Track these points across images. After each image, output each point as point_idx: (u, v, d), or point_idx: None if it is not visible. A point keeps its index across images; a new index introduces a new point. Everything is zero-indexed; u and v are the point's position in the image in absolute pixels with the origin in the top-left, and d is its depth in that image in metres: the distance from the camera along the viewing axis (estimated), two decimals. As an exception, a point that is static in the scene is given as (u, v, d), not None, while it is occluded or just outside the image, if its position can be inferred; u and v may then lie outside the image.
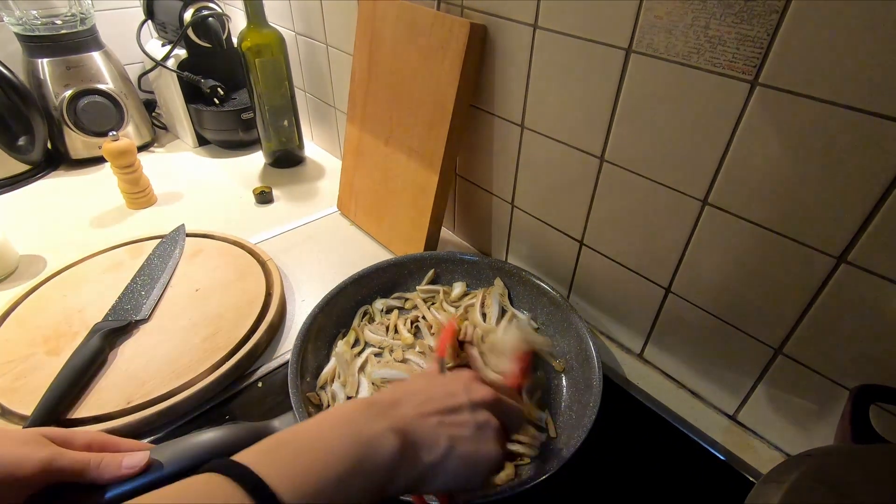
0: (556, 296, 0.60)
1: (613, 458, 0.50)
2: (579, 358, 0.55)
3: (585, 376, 0.52)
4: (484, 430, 0.34)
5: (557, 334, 0.59)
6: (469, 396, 0.36)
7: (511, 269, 0.64)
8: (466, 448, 0.33)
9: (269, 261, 0.70)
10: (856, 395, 0.38)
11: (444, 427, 0.33)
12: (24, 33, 0.88)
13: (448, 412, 0.34)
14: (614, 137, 0.50)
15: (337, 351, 0.57)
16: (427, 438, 0.32)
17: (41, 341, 0.58)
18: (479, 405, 0.36)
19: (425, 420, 0.33)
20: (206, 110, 0.97)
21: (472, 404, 0.35)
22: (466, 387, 0.37)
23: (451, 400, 0.35)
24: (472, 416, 0.35)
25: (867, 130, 0.34)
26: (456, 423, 0.34)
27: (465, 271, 0.67)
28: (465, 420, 0.34)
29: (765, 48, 0.37)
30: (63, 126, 0.92)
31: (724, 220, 0.45)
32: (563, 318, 0.58)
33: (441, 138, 0.63)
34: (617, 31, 0.45)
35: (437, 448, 0.32)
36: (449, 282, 0.67)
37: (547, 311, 0.61)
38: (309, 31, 0.89)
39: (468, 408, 0.35)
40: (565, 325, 0.58)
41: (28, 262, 0.73)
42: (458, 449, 0.33)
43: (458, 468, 0.32)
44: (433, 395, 0.35)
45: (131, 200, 0.86)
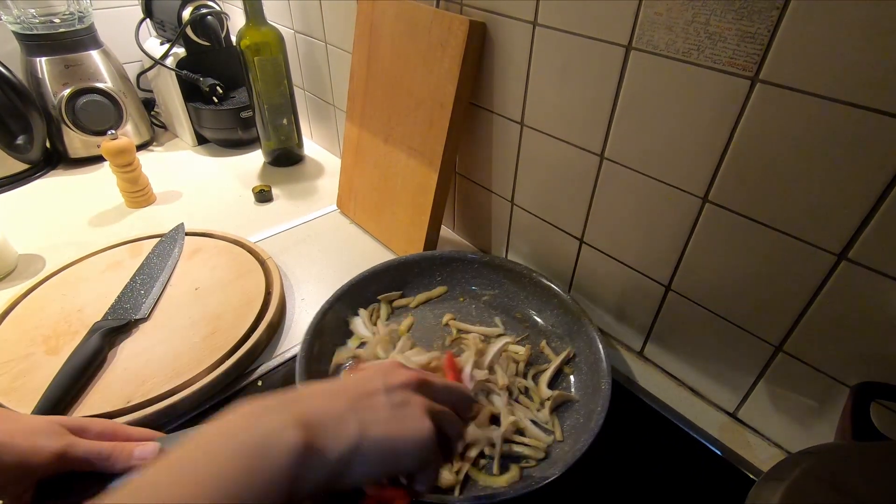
0: (566, 298, 0.59)
1: (614, 457, 0.50)
2: (588, 361, 0.54)
3: (594, 380, 0.52)
4: (403, 409, 0.32)
5: (567, 336, 0.59)
6: (384, 381, 0.33)
7: (522, 270, 0.63)
8: (381, 429, 0.30)
9: (269, 259, 0.70)
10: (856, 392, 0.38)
11: (353, 412, 0.30)
12: (22, 32, 0.88)
13: (360, 397, 0.32)
14: (614, 135, 0.50)
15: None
16: (334, 426, 0.29)
17: (40, 340, 0.57)
18: (396, 387, 0.33)
19: (331, 408, 0.30)
20: (205, 109, 0.97)
21: (388, 388, 0.33)
22: (384, 373, 0.34)
23: (363, 386, 0.33)
24: (388, 398, 0.32)
25: (868, 127, 0.34)
26: (367, 406, 0.31)
27: (475, 271, 0.66)
28: (378, 403, 0.32)
29: (765, 45, 0.37)
30: (62, 125, 0.92)
31: (724, 217, 0.45)
32: (574, 321, 0.58)
33: (440, 136, 0.63)
34: (617, 27, 0.45)
35: (347, 434, 0.29)
36: (455, 284, 0.66)
37: (556, 313, 0.61)
38: (308, 29, 0.89)
39: (382, 391, 0.32)
40: (576, 327, 0.58)
41: (27, 261, 0.73)
42: (371, 432, 0.30)
43: (376, 453, 0.29)
44: (344, 386, 0.33)
45: (130, 199, 0.85)
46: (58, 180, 0.94)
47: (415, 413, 0.32)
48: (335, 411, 0.30)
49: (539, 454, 0.48)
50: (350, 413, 0.30)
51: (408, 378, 0.34)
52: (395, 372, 0.34)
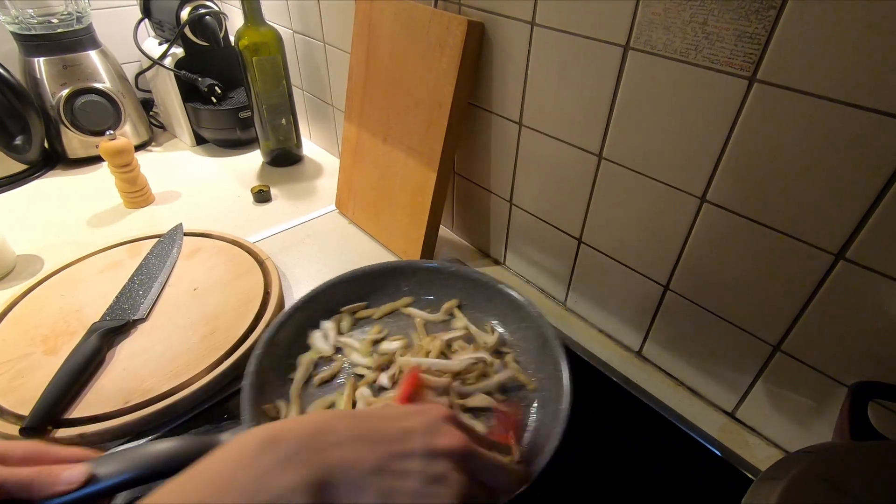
0: (533, 312, 0.55)
1: (612, 456, 0.50)
2: (552, 378, 0.50)
3: (555, 398, 0.47)
4: (436, 487, 0.27)
5: (534, 350, 0.55)
6: (428, 440, 0.28)
7: (488, 280, 0.59)
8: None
9: (268, 260, 0.70)
10: (854, 391, 0.38)
11: (379, 476, 0.26)
12: (20, 32, 0.87)
13: (393, 457, 0.27)
14: (612, 135, 0.50)
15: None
16: (350, 491, 0.25)
17: (39, 341, 0.57)
18: (439, 454, 0.28)
19: (358, 463, 0.26)
20: (204, 109, 0.97)
21: (430, 451, 0.28)
22: (430, 426, 0.29)
23: (403, 441, 0.28)
24: (425, 466, 0.27)
25: (865, 127, 0.34)
26: (398, 471, 0.27)
27: (440, 281, 0.62)
28: (412, 469, 0.27)
29: (763, 45, 0.37)
30: (60, 125, 0.92)
31: (722, 217, 0.45)
32: (541, 334, 0.53)
33: (439, 136, 0.63)
34: (615, 28, 0.45)
35: (362, 500, 0.25)
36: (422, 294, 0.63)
37: (524, 325, 0.56)
38: (306, 29, 0.89)
39: (421, 455, 0.28)
40: (541, 341, 0.53)
41: (25, 261, 0.73)
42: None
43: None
44: (380, 431, 0.28)
45: (129, 200, 0.85)
46: (56, 181, 0.94)
47: (447, 495, 0.27)
48: (358, 470, 0.26)
49: None
50: (374, 477, 0.26)
51: (454, 445, 0.29)
52: (442, 431, 0.29)
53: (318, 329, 0.58)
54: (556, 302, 0.68)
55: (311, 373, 0.54)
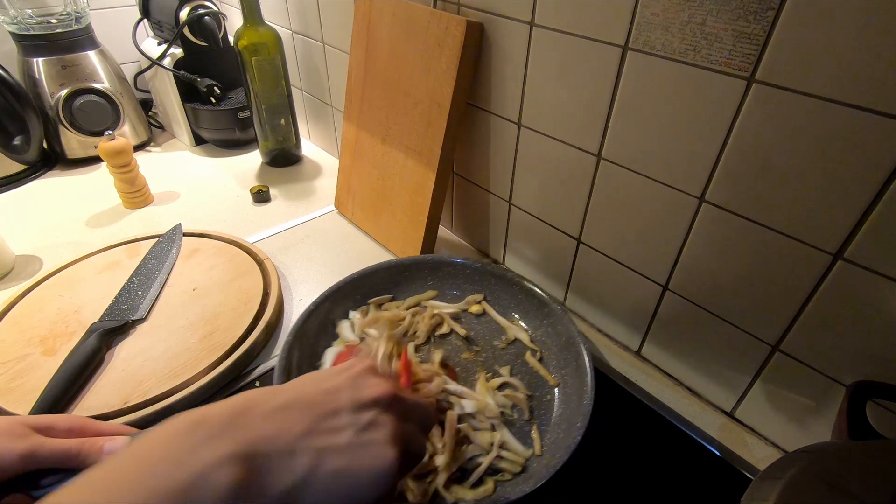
0: (556, 308, 0.58)
1: (611, 456, 0.51)
2: (574, 375, 0.53)
3: (578, 395, 0.50)
4: (368, 433, 0.28)
5: (556, 347, 0.57)
6: (354, 394, 0.29)
7: (513, 277, 0.62)
8: (339, 461, 0.26)
9: (267, 260, 0.70)
10: (852, 391, 0.38)
11: (309, 438, 0.26)
12: (18, 32, 0.87)
13: (323, 417, 0.28)
14: (611, 135, 0.50)
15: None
16: (280, 459, 0.25)
17: (37, 341, 0.57)
18: (366, 404, 0.29)
19: (284, 432, 0.26)
20: (203, 109, 0.97)
21: (357, 404, 0.29)
22: (353, 382, 0.30)
23: (330, 401, 0.29)
24: (353, 418, 0.28)
25: (863, 127, 0.35)
26: (329, 429, 0.27)
27: (466, 277, 0.65)
28: (342, 424, 0.28)
29: (761, 45, 0.37)
30: (59, 125, 0.92)
31: (721, 217, 0.45)
32: (564, 331, 0.56)
33: (438, 136, 0.63)
34: (613, 28, 0.45)
35: (295, 467, 0.25)
36: (446, 289, 0.65)
37: (547, 322, 0.59)
38: (305, 29, 0.89)
39: (349, 409, 0.29)
40: (564, 339, 0.56)
41: (24, 262, 0.73)
42: (326, 463, 0.26)
43: (329, 485, 0.26)
44: (306, 397, 0.29)
45: (128, 200, 0.85)
46: (55, 181, 0.94)
47: (380, 439, 0.28)
48: (287, 438, 0.26)
49: (516, 468, 0.46)
50: (305, 440, 0.26)
51: (379, 393, 0.30)
52: (367, 382, 0.31)
53: (347, 319, 0.60)
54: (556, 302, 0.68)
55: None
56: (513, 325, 0.61)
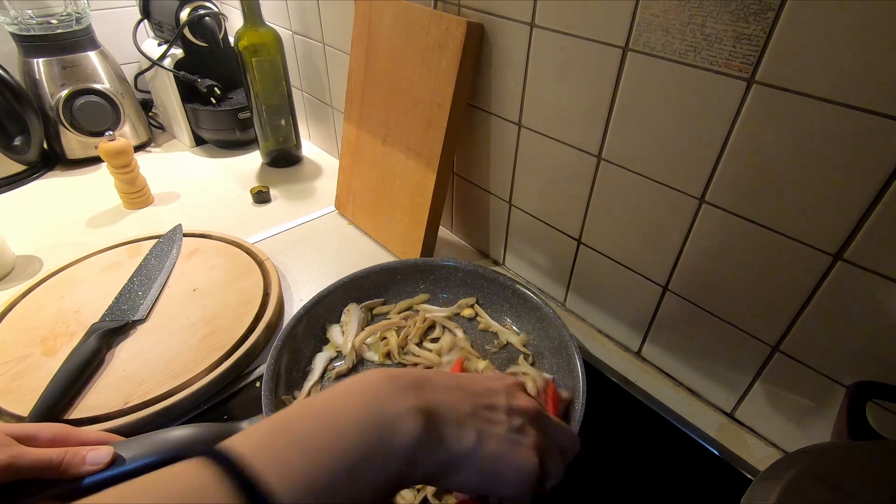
0: (549, 312, 0.56)
1: (611, 456, 0.51)
2: (566, 380, 0.52)
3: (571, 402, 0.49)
4: (518, 435, 0.31)
5: (548, 351, 0.56)
6: (509, 399, 0.32)
7: (505, 280, 0.61)
8: (497, 447, 0.29)
9: (267, 260, 0.70)
10: (852, 391, 0.38)
11: (475, 418, 0.30)
12: (19, 33, 0.87)
13: (483, 406, 0.31)
14: (611, 136, 0.50)
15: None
16: (456, 425, 0.29)
17: (38, 342, 0.57)
18: (517, 411, 0.32)
19: (456, 405, 0.30)
20: (203, 110, 0.97)
21: (510, 408, 0.32)
22: (507, 390, 0.33)
23: (489, 396, 0.32)
24: (508, 418, 0.31)
25: (863, 128, 0.35)
26: (489, 418, 0.31)
27: (458, 280, 0.64)
28: (498, 419, 0.31)
29: (761, 46, 0.37)
30: (59, 126, 0.92)
31: (721, 218, 0.45)
32: (556, 335, 0.55)
33: (438, 137, 0.63)
34: (614, 29, 0.45)
35: (466, 437, 0.29)
36: (438, 291, 0.65)
37: (540, 326, 0.58)
38: (306, 30, 0.89)
39: (504, 409, 0.32)
40: (557, 342, 0.55)
41: (24, 262, 0.73)
42: (487, 444, 0.29)
43: (484, 465, 0.29)
44: (469, 387, 0.32)
45: (128, 200, 0.85)
46: (55, 181, 0.94)
47: (528, 444, 0.31)
48: (459, 411, 0.30)
49: None
50: (471, 418, 0.30)
51: (529, 406, 0.33)
52: (519, 394, 0.34)
53: (337, 324, 0.60)
54: (556, 302, 0.68)
55: (328, 366, 0.56)
56: (505, 329, 0.60)
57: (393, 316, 0.61)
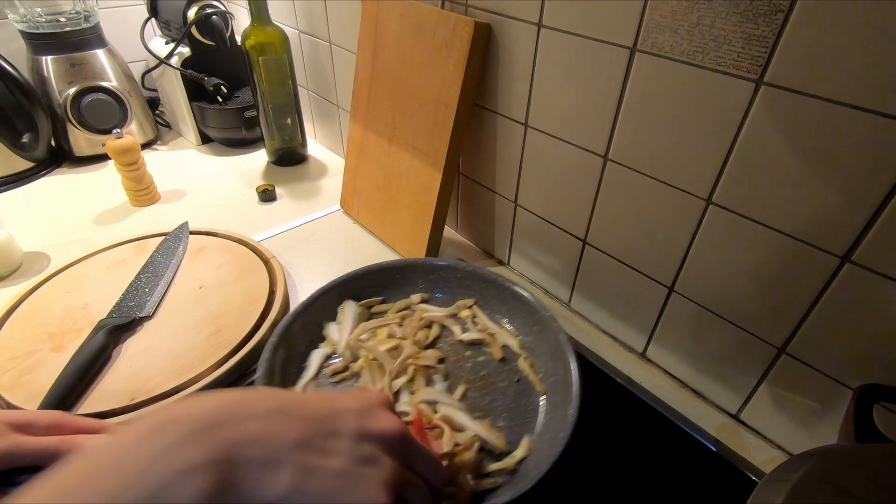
0: (546, 315, 0.56)
1: (615, 458, 0.51)
2: (562, 384, 0.51)
3: (563, 404, 0.48)
4: (364, 468, 0.25)
5: (545, 354, 0.55)
6: (362, 422, 0.27)
7: (503, 282, 0.60)
8: (324, 486, 0.24)
9: (273, 258, 0.70)
10: (859, 394, 0.38)
11: (299, 451, 0.24)
12: (28, 31, 0.88)
13: (320, 433, 0.25)
14: (618, 136, 0.50)
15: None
16: (261, 470, 0.23)
17: (45, 338, 0.58)
18: (372, 436, 0.27)
19: (273, 437, 0.24)
20: (210, 108, 0.98)
21: (362, 433, 0.26)
22: (365, 409, 0.28)
23: (331, 420, 0.26)
24: (354, 447, 0.26)
25: (872, 130, 0.34)
26: (323, 448, 0.25)
27: (457, 280, 0.63)
28: (339, 448, 0.25)
29: (770, 47, 0.37)
30: (67, 123, 0.92)
31: (727, 219, 0.45)
32: (553, 339, 0.54)
33: (444, 137, 0.64)
34: (622, 30, 0.45)
35: (277, 481, 0.23)
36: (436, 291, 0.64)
37: (537, 329, 0.57)
38: (312, 29, 0.89)
39: (350, 436, 0.26)
40: (553, 346, 0.54)
41: (32, 259, 0.74)
42: (310, 485, 0.23)
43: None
44: (303, 410, 0.26)
45: (135, 198, 0.86)
46: (63, 178, 0.94)
47: (376, 480, 0.26)
48: (274, 445, 0.24)
49: (504, 476, 0.45)
50: (293, 452, 0.24)
51: (388, 429, 0.27)
52: (377, 415, 0.28)
53: (334, 322, 0.60)
54: (560, 303, 0.68)
55: (324, 364, 0.56)
56: (502, 331, 0.59)
57: (390, 314, 0.61)
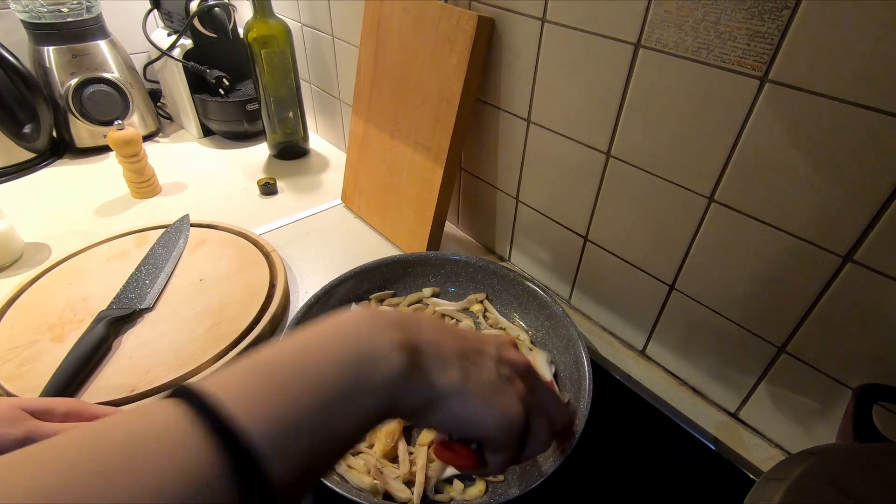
0: (558, 310, 0.56)
1: (614, 455, 0.51)
2: (573, 378, 0.52)
3: (575, 399, 0.49)
4: (505, 384, 0.30)
5: (556, 349, 0.57)
6: (499, 350, 0.32)
7: (515, 276, 0.61)
8: (481, 389, 0.29)
9: (273, 252, 0.70)
10: (859, 394, 0.38)
11: (461, 359, 0.29)
12: (30, 21, 0.88)
13: (472, 350, 0.30)
14: (621, 133, 0.50)
15: None
16: (441, 362, 0.28)
17: (46, 328, 0.58)
18: (507, 362, 0.32)
19: (442, 344, 0.29)
20: (212, 101, 0.97)
21: (500, 358, 0.31)
22: (499, 343, 0.33)
23: (478, 343, 0.32)
24: (496, 366, 0.31)
25: (877, 128, 0.34)
26: (475, 362, 0.30)
27: (469, 275, 0.64)
28: (486, 365, 0.30)
29: (775, 44, 0.37)
30: (68, 114, 0.92)
31: (729, 217, 0.45)
32: (565, 333, 0.55)
33: (447, 132, 0.63)
34: (626, 25, 0.45)
35: (450, 375, 0.28)
36: (447, 286, 0.65)
37: (548, 324, 0.58)
38: (315, 22, 0.89)
39: (493, 358, 0.31)
40: (564, 342, 0.55)
41: (33, 249, 0.74)
42: (471, 385, 0.29)
43: (466, 406, 0.28)
44: (457, 332, 0.32)
45: (136, 190, 0.86)
46: (64, 169, 0.94)
47: (513, 394, 0.31)
48: (444, 351, 0.29)
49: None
50: (457, 359, 0.29)
51: (518, 361, 0.33)
52: (510, 349, 0.33)
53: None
54: (561, 299, 0.68)
55: None
56: (513, 326, 0.60)
57: (402, 308, 0.61)
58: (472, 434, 0.31)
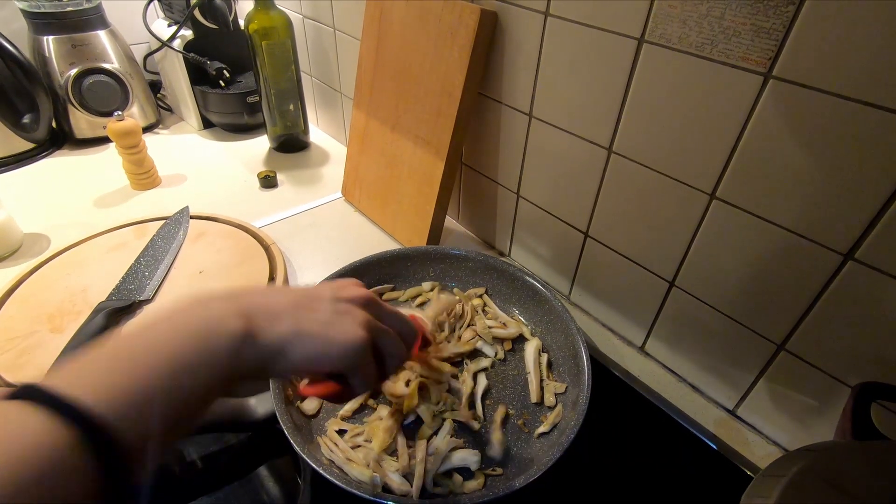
0: (557, 305, 0.56)
1: (612, 451, 0.51)
2: (572, 373, 0.52)
3: (574, 394, 0.50)
4: (341, 317, 0.34)
5: (555, 344, 0.57)
6: (333, 292, 0.35)
7: (515, 271, 0.61)
8: (316, 328, 0.32)
9: (273, 245, 0.70)
10: (858, 392, 0.38)
11: (293, 310, 0.33)
12: (29, 10, 0.87)
13: (305, 299, 0.34)
14: (623, 128, 0.50)
15: None
16: (270, 318, 0.32)
17: (45, 319, 0.58)
18: (342, 300, 0.35)
19: (272, 304, 0.33)
20: (212, 93, 0.97)
21: (335, 298, 0.35)
22: (336, 286, 0.37)
23: (311, 293, 0.35)
24: (331, 306, 0.34)
25: (881, 125, 0.34)
26: (307, 307, 0.33)
27: (468, 269, 0.64)
28: (319, 307, 0.34)
29: (780, 41, 0.37)
30: (68, 105, 0.92)
31: (731, 214, 0.45)
32: (564, 328, 0.55)
33: (448, 126, 0.63)
34: (629, 20, 0.45)
35: (283, 324, 0.32)
36: (447, 280, 0.65)
37: (547, 319, 0.58)
38: (317, 14, 0.88)
39: (328, 300, 0.35)
40: (564, 336, 0.55)
41: (32, 240, 0.74)
42: (306, 327, 0.32)
43: (306, 345, 0.32)
44: (288, 291, 0.36)
45: (136, 181, 0.85)
46: (63, 160, 0.94)
47: (351, 321, 0.34)
48: (275, 307, 0.33)
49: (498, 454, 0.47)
50: (289, 310, 0.33)
51: (357, 294, 0.36)
52: (347, 288, 0.37)
53: None
54: (561, 295, 0.68)
55: None
56: (512, 320, 0.60)
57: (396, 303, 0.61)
58: (324, 369, 0.34)
